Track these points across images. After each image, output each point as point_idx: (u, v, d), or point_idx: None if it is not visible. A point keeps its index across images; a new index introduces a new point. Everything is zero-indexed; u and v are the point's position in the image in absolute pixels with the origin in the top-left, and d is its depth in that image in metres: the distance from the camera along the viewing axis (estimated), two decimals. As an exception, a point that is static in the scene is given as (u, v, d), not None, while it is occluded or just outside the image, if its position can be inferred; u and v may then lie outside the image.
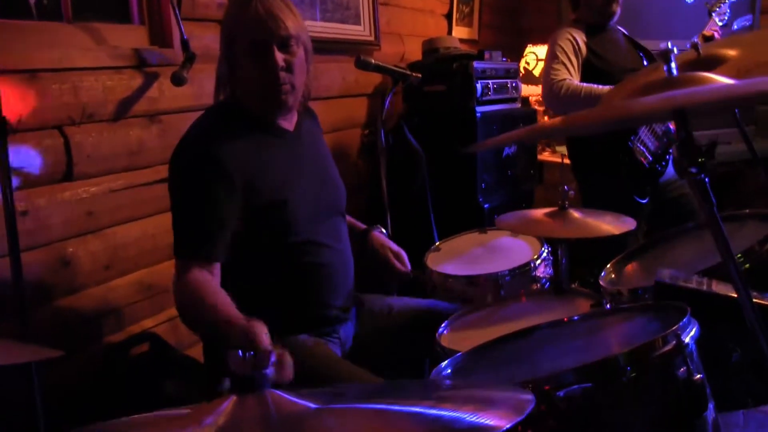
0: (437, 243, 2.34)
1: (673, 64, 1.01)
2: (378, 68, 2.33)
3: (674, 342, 0.97)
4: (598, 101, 2.65)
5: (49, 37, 1.92)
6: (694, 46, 1.50)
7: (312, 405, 0.71)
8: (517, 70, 3.56)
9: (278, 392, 0.73)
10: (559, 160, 4.22)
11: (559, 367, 1.01)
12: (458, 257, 2.26)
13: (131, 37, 2.20)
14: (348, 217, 2.08)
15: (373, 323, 1.91)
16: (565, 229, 1.83)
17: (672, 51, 1.03)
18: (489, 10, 4.89)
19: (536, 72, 4.29)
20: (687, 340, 0.98)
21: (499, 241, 2.29)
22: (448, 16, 4.34)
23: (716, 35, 3.04)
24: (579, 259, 2.21)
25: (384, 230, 2.05)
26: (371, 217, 2.65)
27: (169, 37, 2.25)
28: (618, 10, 2.96)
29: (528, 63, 4.34)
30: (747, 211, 1.63)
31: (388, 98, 2.41)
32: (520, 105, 3.60)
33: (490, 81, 3.26)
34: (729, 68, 1.38)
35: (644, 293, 1.39)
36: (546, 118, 4.26)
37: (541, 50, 4.34)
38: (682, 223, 1.98)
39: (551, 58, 2.90)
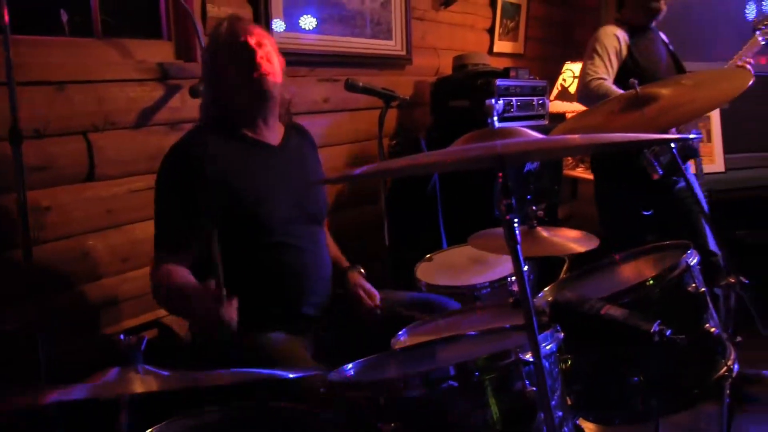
0: (429, 255, 2.46)
1: (496, 118, 1.12)
2: (366, 90, 2.47)
3: (513, 358, 1.08)
4: None
5: (77, 52, 2.16)
6: (633, 85, 1.58)
7: (165, 372, 1.02)
8: (545, 87, 3.62)
9: (146, 366, 1.04)
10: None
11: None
12: (447, 269, 2.38)
13: (159, 51, 2.42)
14: (336, 251, 2.21)
15: (353, 320, 2.03)
16: (532, 247, 1.92)
17: (493, 106, 1.13)
18: (537, 24, 4.94)
19: (572, 89, 4.32)
20: (527, 357, 1.08)
21: (489, 255, 2.38)
22: (491, 31, 4.42)
23: (749, 66, 2.84)
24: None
25: (363, 270, 2.14)
26: (376, 226, 2.80)
27: (193, 52, 2.47)
28: (664, 8, 2.98)
29: (565, 80, 4.37)
30: (668, 243, 1.70)
31: (384, 116, 2.54)
32: (547, 122, 3.66)
33: (513, 98, 3.35)
34: (655, 107, 1.46)
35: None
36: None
37: (579, 67, 4.36)
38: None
39: (592, 53, 2.93)
